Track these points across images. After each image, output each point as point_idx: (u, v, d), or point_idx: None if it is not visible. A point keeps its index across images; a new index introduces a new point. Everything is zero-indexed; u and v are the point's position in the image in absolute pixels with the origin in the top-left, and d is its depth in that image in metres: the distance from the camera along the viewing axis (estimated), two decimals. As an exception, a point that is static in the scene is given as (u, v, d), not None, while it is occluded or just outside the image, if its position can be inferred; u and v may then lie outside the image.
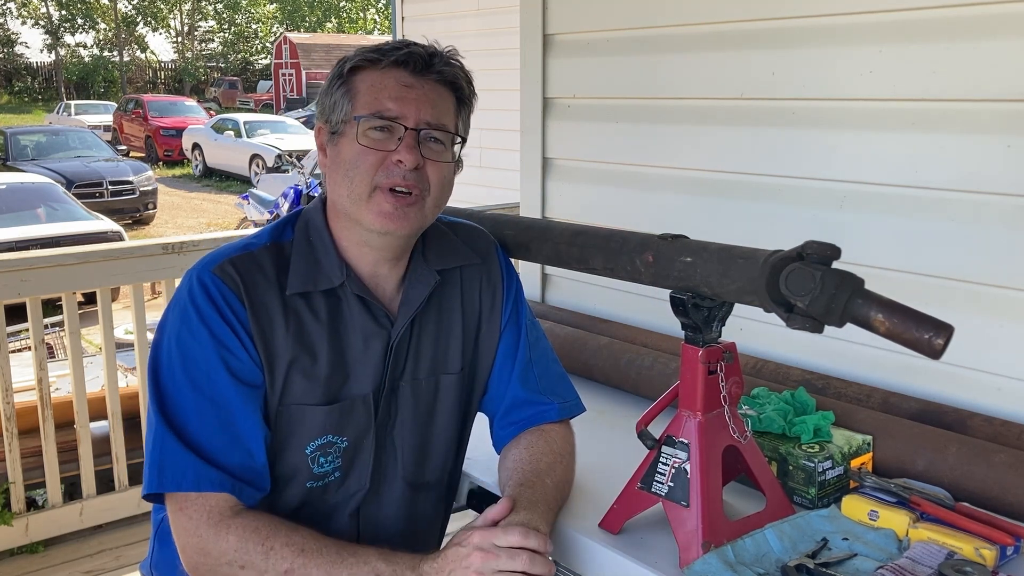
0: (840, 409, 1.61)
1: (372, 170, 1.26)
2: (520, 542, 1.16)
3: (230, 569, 1.18)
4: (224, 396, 1.24)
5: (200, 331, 1.24)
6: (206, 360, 1.24)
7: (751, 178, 2.02)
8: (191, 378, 1.24)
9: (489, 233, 1.54)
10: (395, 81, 1.27)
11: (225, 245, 1.33)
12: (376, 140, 1.26)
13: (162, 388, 1.25)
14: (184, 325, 1.25)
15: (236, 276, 1.27)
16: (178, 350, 1.25)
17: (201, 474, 1.20)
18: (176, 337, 1.26)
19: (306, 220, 1.36)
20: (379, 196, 1.26)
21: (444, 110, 1.30)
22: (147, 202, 14.05)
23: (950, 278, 1.68)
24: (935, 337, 1.01)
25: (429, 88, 1.28)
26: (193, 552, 1.20)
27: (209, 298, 1.25)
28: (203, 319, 1.24)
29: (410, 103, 1.26)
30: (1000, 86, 1.58)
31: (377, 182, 1.26)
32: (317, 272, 1.31)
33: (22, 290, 2.87)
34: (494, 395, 1.47)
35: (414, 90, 1.27)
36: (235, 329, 1.25)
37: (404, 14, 7.76)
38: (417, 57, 1.27)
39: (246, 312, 1.26)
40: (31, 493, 3.13)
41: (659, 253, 1.30)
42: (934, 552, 1.21)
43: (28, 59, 42.39)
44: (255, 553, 1.17)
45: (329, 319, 1.31)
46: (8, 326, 2.93)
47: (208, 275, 1.27)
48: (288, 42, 33.98)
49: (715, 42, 2.06)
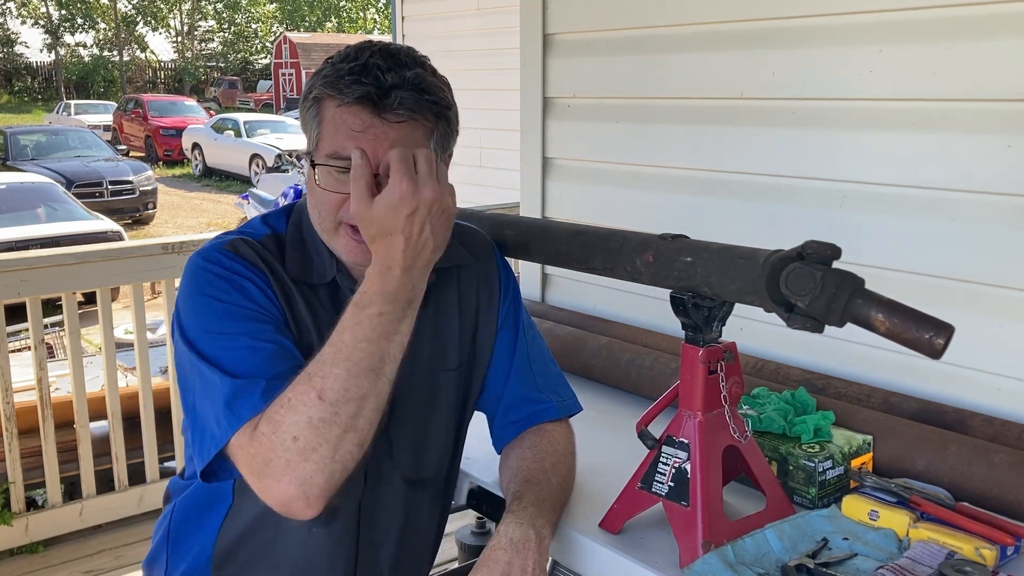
0: (840, 409, 1.61)
1: (334, 209, 1.25)
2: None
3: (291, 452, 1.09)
4: (262, 318, 1.22)
5: (224, 279, 1.22)
6: (238, 300, 1.22)
7: (751, 178, 2.02)
8: (225, 320, 1.20)
9: (486, 234, 1.54)
10: (353, 120, 1.20)
11: (221, 234, 1.32)
12: (337, 181, 1.23)
13: (198, 346, 1.20)
14: (205, 283, 1.22)
15: (249, 251, 1.27)
16: (205, 304, 1.21)
17: (268, 388, 1.14)
18: (201, 296, 1.22)
19: (299, 215, 1.36)
20: (344, 231, 1.26)
21: (408, 142, 1.20)
22: (147, 202, 14.06)
23: (950, 278, 1.68)
24: (935, 337, 1.01)
25: (389, 126, 1.20)
26: (274, 476, 1.10)
27: (226, 264, 1.24)
28: (226, 272, 1.23)
29: (367, 144, 1.18)
30: (1000, 86, 1.58)
31: (341, 218, 1.25)
32: (310, 266, 1.31)
33: (22, 290, 2.87)
34: (492, 394, 1.47)
35: (371, 131, 1.19)
36: (258, 285, 1.24)
37: (404, 14, 7.77)
38: (372, 96, 1.18)
39: (267, 277, 1.26)
40: (31, 493, 3.14)
41: (659, 253, 1.30)
42: (934, 552, 1.21)
43: (28, 59, 42.41)
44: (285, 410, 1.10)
45: (325, 310, 1.31)
46: (8, 326, 2.94)
47: (219, 251, 1.26)
48: (288, 42, 33.99)
49: (715, 42, 2.06)
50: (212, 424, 1.17)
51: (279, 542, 1.34)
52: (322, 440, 1.09)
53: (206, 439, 1.18)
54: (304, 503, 1.11)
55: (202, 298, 1.23)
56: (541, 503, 1.28)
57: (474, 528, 2.38)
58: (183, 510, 1.40)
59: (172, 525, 1.41)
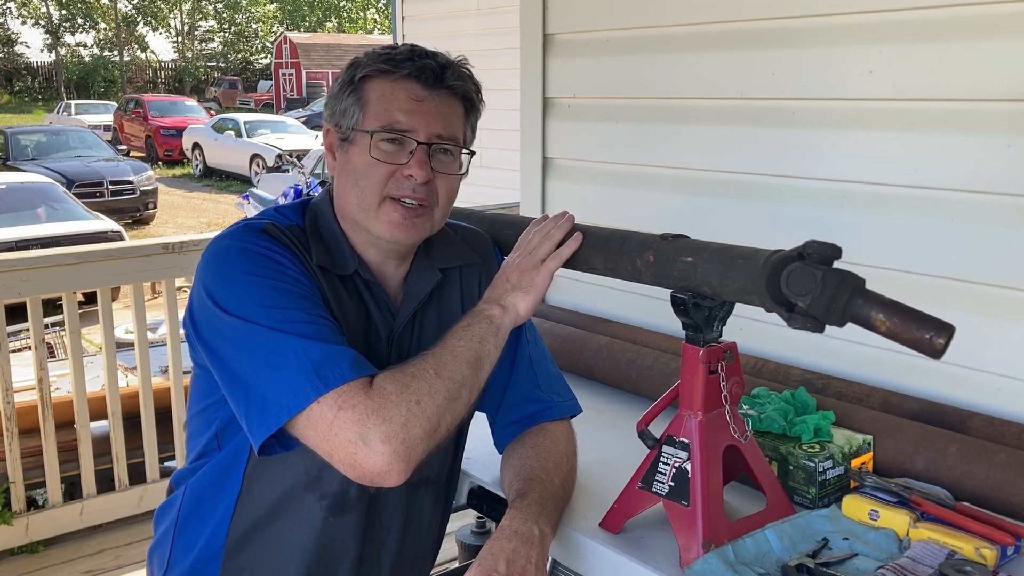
0: (840, 409, 1.61)
1: (383, 182, 1.27)
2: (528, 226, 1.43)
3: (411, 413, 1.15)
4: (314, 297, 1.23)
5: (270, 259, 1.23)
6: (287, 279, 1.22)
7: (751, 178, 2.02)
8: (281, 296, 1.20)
9: (487, 235, 1.55)
10: (407, 93, 1.27)
11: (245, 219, 1.32)
12: (387, 153, 1.27)
13: (254, 318, 1.18)
14: (251, 264, 1.22)
15: (281, 235, 1.28)
16: (254, 284, 1.21)
17: (353, 359, 1.17)
18: (246, 276, 1.21)
19: (315, 211, 1.37)
20: (388, 206, 1.28)
21: (454, 122, 1.31)
22: (147, 202, 14.06)
23: (950, 278, 1.68)
24: (936, 337, 1.02)
25: (440, 101, 1.29)
26: (380, 437, 1.12)
27: (268, 245, 1.24)
28: (270, 252, 1.23)
29: (421, 116, 1.27)
30: (1000, 86, 1.58)
31: (387, 193, 1.28)
32: (331, 257, 1.32)
33: (22, 290, 2.87)
34: (494, 393, 1.47)
35: (426, 103, 1.28)
36: (296, 264, 1.25)
37: (404, 14, 7.77)
38: (430, 70, 1.28)
39: (299, 260, 1.26)
40: (31, 493, 3.14)
41: (659, 253, 1.30)
42: (934, 552, 1.21)
43: (28, 59, 42.41)
44: (409, 382, 1.17)
45: (354, 298, 1.33)
46: (8, 326, 2.94)
47: (254, 234, 1.26)
48: (288, 42, 33.99)
49: (715, 42, 2.06)
50: (284, 392, 1.15)
51: (292, 531, 1.33)
52: (436, 410, 1.18)
53: (269, 408, 1.16)
54: (404, 467, 1.14)
55: (249, 277, 1.22)
56: (544, 502, 1.28)
57: (474, 528, 2.38)
58: (195, 494, 1.38)
59: (183, 510, 1.39)
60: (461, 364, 1.23)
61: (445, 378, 1.21)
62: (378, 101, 1.28)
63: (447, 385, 1.20)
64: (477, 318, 1.31)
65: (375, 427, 1.13)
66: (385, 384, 1.17)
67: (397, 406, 1.15)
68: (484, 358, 1.27)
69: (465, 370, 1.23)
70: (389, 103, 1.27)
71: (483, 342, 1.27)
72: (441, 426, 1.19)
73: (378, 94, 1.28)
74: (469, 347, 1.26)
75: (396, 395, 1.15)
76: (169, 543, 1.41)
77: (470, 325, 1.29)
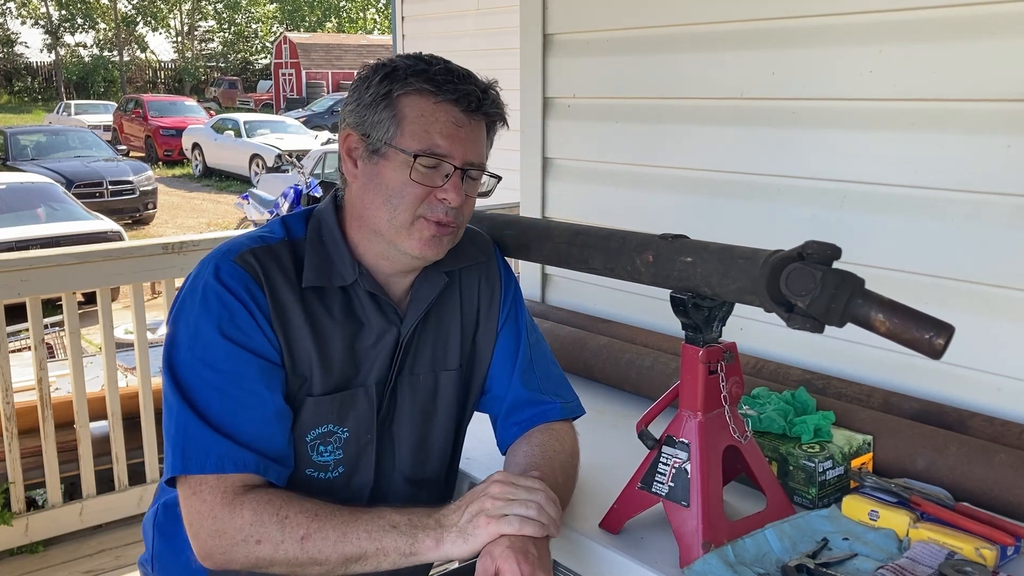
0: (840, 409, 1.61)
1: (417, 203, 1.28)
2: (540, 485, 1.21)
3: (247, 546, 1.17)
4: (246, 376, 1.25)
5: (222, 314, 1.25)
6: (228, 342, 1.24)
7: (751, 178, 2.02)
8: (211, 361, 1.24)
9: (486, 234, 1.55)
10: (447, 117, 1.27)
11: (241, 235, 1.34)
12: (424, 175, 1.27)
13: (181, 373, 1.24)
14: (204, 309, 1.25)
15: (257, 266, 1.28)
16: (198, 334, 1.25)
17: (224, 455, 1.20)
18: (196, 322, 1.25)
19: (319, 220, 1.37)
20: (421, 224, 1.29)
21: (483, 146, 1.33)
22: (147, 202, 14.05)
23: (950, 278, 1.68)
24: (935, 337, 1.01)
25: (475, 126, 1.30)
26: (208, 536, 1.19)
27: (231, 285, 1.26)
28: (224, 304, 1.25)
29: (459, 142, 1.28)
30: (1000, 86, 1.58)
31: (420, 213, 1.28)
32: (330, 269, 1.32)
33: (22, 290, 2.87)
34: (496, 395, 1.47)
35: (464, 129, 1.28)
36: (255, 316, 1.26)
37: (404, 14, 7.77)
38: (473, 97, 1.28)
39: (266, 300, 1.27)
40: (31, 493, 3.13)
41: (659, 253, 1.30)
42: (934, 552, 1.21)
43: (28, 59, 42.42)
44: (271, 524, 1.17)
45: (342, 314, 1.32)
46: (8, 326, 2.94)
47: (228, 264, 1.27)
48: (288, 42, 34.00)
49: (715, 42, 2.06)
50: (170, 449, 1.23)
51: None
52: (270, 560, 1.18)
53: (167, 456, 1.24)
54: (210, 565, 1.22)
55: (203, 328, 1.25)
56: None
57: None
58: (167, 512, 1.41)
59: (165, 516, 1.42)
60: (337, 551, 1.16)
61: (307, 549, 1.16)
62: (417, 121, 1.26)
63: (300, 555, 1.16)
64: (412, 530, 1.18)
65: (205, 531, 1.19)
66: (250, 503, 1.19)
67: (238, 529, 1.17)
68: (367, 564, 1.17)
69: (333, 558, 1.16)
70: (430, 125, 1.26)
71: (382, 555, 1.16)
72: (269, 570, 1.19)
73: (417, 113, 1.27)
74: (362, 547, 1.16)
75: (246, 523, 1.17)
76: (151, 558, 1.44)
77: (396, 527, 1.17)
